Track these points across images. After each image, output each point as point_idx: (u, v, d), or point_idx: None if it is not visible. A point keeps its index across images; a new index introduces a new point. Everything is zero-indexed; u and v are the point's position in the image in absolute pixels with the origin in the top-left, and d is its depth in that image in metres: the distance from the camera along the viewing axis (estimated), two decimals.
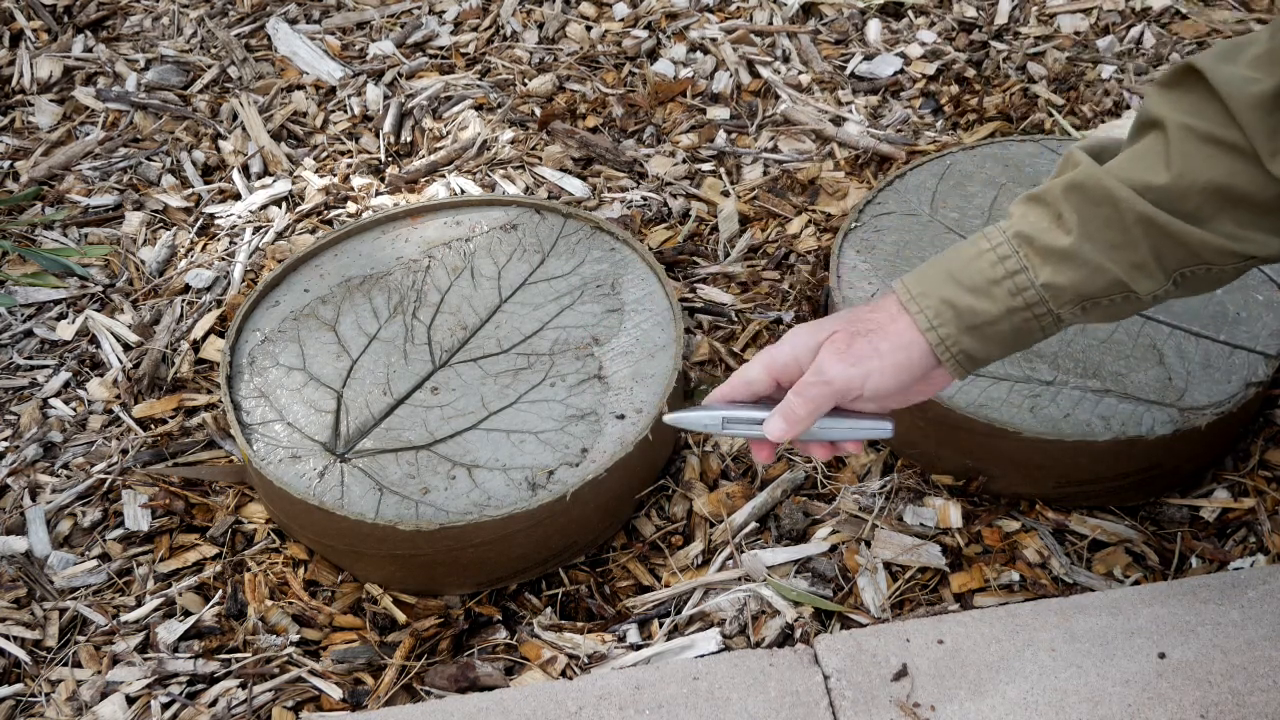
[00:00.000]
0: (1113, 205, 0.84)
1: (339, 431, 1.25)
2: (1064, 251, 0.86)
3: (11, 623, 1.22)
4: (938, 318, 0.88)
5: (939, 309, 0.88)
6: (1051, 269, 0.86)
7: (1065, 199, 0.86)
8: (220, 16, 1.98)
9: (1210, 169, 0.83)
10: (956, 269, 0.89)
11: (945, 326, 0.88)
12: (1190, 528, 1.26)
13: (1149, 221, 0.84)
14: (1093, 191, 0.85)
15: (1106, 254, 0.86)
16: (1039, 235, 0.86)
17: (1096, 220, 0.85)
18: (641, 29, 1.92)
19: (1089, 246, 0.85)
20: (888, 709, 1.05)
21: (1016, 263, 0.86)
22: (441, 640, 1.19)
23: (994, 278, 0.87)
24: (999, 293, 0.87)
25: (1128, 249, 0.85)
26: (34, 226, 1.64)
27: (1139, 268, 0.86)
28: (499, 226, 1.46)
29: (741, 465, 1.33)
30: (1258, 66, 0.81)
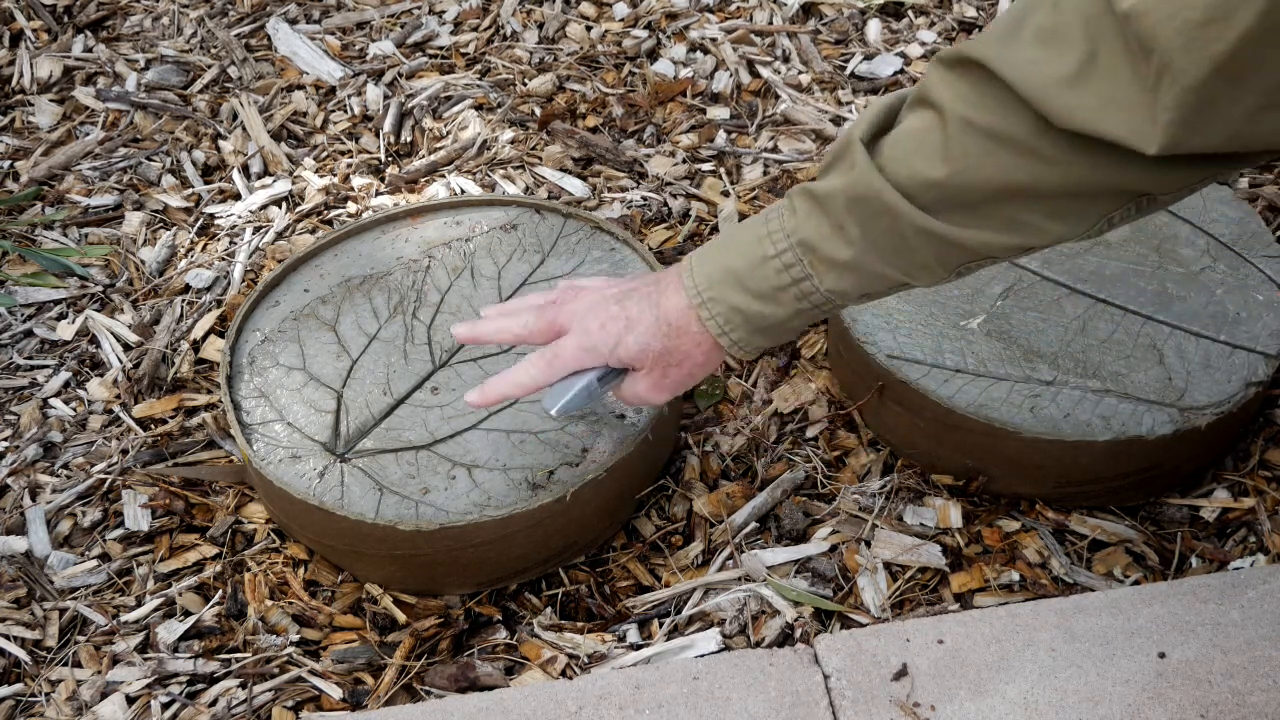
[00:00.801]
0: (892, 218, 0.85)
1: (339, 431, 1.25)
2: (846, 263, 0.89)
3: (11, 623, 1.22)
4: (728, 323, 0.95)
5: (729, 316, 0.94)
6: (835, 276, 0.90)
7: (847, 212, 0.87)
8: (220, 16, 1.98)
9: (989, 166, 0.82)
10: (743, 273, 0.92)
11: (736, 331, 0.95)
12: (1190, 528, 1.26)
13: (928, 233, 0.85)
14: (873, 204, 0.86)
15: (888, 262, 0.88)
16: (821, 244, 0.89)
17: (877, 231, 0.87)
18: (641, 29, 1.92)
19: (871, 257, 0.88)
20: (888, 709, 1.05)
21: (801, 271, 0.90)
22: (441, 640, 1.19)
23: (780, 285, 0.91)
24: (786, 298, 0.91)
25: (908, 255, 0.87)
26: (34, 226, 1.64)
27: (921, 268, 0.89)
28: (499, 226, 1.46)
29: (741, 465, 1.33)
30: (1044, 44, 0.77)
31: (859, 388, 1.33)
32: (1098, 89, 0.75)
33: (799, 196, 0.90)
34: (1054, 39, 0.76)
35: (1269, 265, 1.35)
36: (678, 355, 0.98)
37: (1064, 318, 1.31)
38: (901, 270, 0.89)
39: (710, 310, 0.94)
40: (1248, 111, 0.71)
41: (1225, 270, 1.35)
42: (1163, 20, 0.69)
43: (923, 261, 0.88)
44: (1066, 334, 1.29)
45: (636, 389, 1.05)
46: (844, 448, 1.35)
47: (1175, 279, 1.34)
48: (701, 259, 0.96)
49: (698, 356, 0.98)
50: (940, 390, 1.24)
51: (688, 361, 0.99)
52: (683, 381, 1.02)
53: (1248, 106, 0.71)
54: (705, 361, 0.99)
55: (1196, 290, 1.33)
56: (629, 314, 0.99)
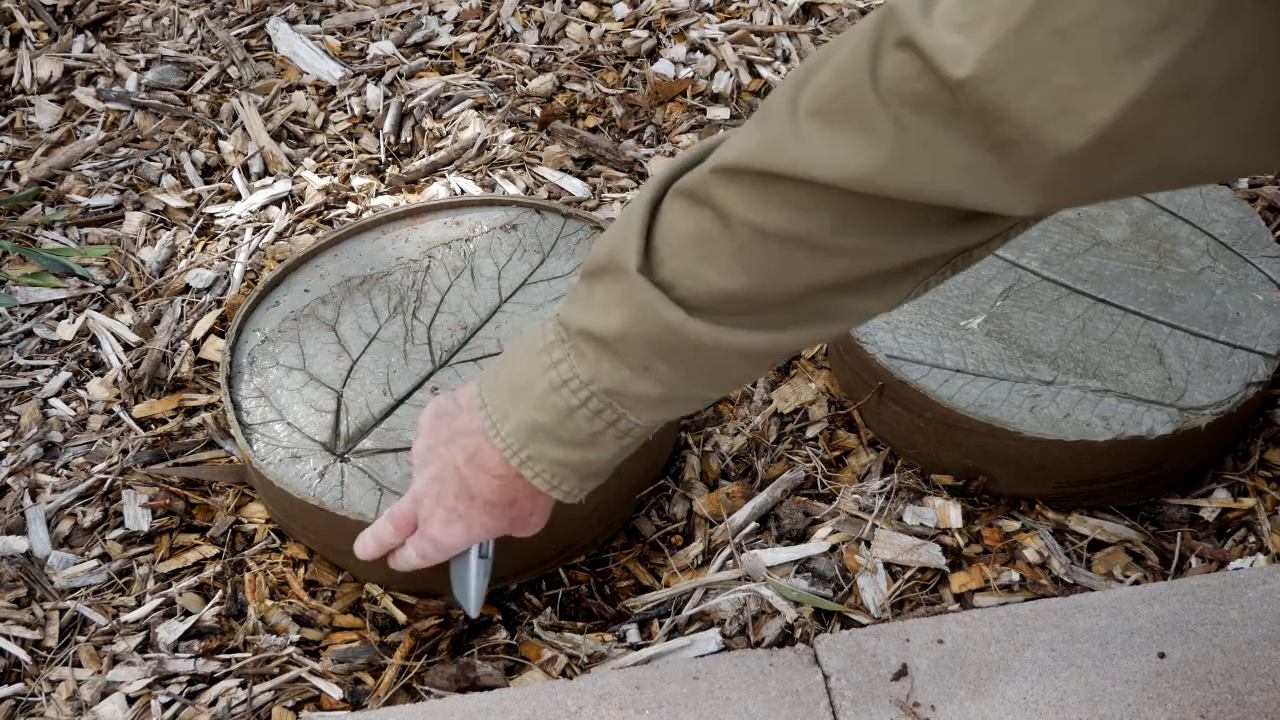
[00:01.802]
0: (699, 349, 0.79)
1: (339, 431, 1.25)
2: (660, 398, 0.83)
3: (11, 623, 1.22)
4: (555, 478, 0.89)
5: (555, 471, 0.89)
6: (650, 411, 0.85)
7: (650, 353, 0.81)
8: (220, 16, 1.98)
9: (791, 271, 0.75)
10: (551, 428, 0.87)
11: (567, 482, 0.90)
12: (1190, 528, 1.26)
13: (741, 353, 0.80)
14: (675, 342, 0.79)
15: (703, 385, 0.84)
16: (628, 388, 0.83)
17: (686, 364, 0.81)
18: (641, 29, 1.92)
19: (683, 388, 0.83)
20: (888, 709, 1.05)
21: (613, 414, 0.85)
22: (441, 640, 1.19)
23: (596, 430, 0.86)
24: (606, 440, 0.87)
25: (723, 375, 0.83)
26: (34, 226, 1.64)
27: (736, 382, 0.86)
28: (499, 226, 1.46)
29: (741, 465, 1.33)
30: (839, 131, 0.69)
31: (859, 388, 1.33)
32: (929, 166, 0.66)
33: (582, 340, 0.83)
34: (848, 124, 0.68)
35: (1269, 265, 1.35)
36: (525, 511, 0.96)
37: (1064, 318, 1.31)
38: (716, 388, 0.85)
39: (534, 469, 0.89)
40: (1133, 175, 0.64)
41: (1225, 270, 1.35)
42: (1019, 87, 0.60)
43: (738, 376, 0.84)
44: (1066, 334, 1.29)
45: (524, 534, 1.01)
46: (844, 448, 1.35)
47: (1175, 279, 1.34)
48: (499, 410, 0.89)
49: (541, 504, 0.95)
50: (940, 390, 1.24)
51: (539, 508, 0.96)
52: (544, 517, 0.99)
53: (1134, 170, 0.63)
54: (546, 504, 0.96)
55: (1196, 290, 1.33)
56: (458, 511, 0.96)
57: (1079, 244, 1.38)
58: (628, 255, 0.79)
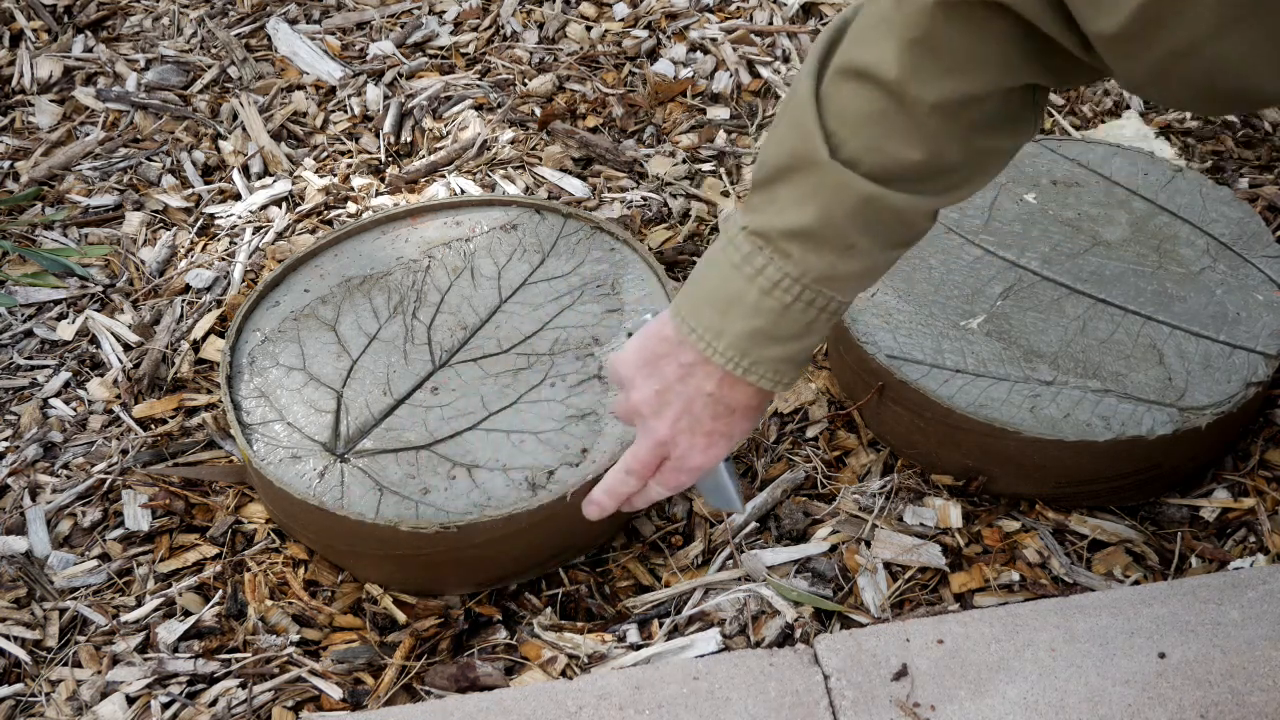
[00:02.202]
0: (897, 215, 0.85)
1: (339, 431, 1.25)
2: (865, 270, 0.89)
3: (11, 623, 1.22)
4: (778, 374, 0.93)
5: (779, 368, 0.93)
6: (855, 286, 0.90)
7: (849, 230, 0.86)
8: (220, 16, 1.98)
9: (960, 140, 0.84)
10: (770, 330, 0.91)
11: (788, 375, 0.94)
12: (1190, 528, 1.26)
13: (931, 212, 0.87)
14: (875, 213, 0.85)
15: (895, 246, 0.90)
16: (837, 270, 0.88)
17: (884, 233, 0.87)
18: (641, 29, 1.92)
19: (881, 254, 0.89)
20: (888, 709, 1.05)
21: (824, 299, 0.89)
22: (441, 640, 1.19)
23: (811, 319, 0.91)
24: (819, 324, 0.91)
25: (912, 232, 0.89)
26: (34, 226, 1.64)
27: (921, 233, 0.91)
28: (499, 226, 1.46)
29: (741, 465, 1.33)
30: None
31: (859, 388, 1.33)
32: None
33: (782, 240, 0.89)
34: None
35: (1269, 265, 1.35)
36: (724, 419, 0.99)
37: (1064, 318, 1.31)
38: (903, 244, 0.91)
39: (759, 372, 0.93)
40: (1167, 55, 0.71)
41: (1225, 270, 1.35)
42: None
43: (919, 230, 0.90)
44: (1066, 334, 1.29)
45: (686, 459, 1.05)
46: (844, 448, 1.35)
47: (1175, 279, 1.34)
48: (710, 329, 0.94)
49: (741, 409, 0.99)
50: (940, 390, 1.24)
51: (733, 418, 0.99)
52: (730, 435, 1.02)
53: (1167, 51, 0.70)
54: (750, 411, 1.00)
55: (1196, 290, 1.33)
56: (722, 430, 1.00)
57: (1079, 244, 1.38)
58: (814, 147, 0.84)
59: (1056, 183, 1.46)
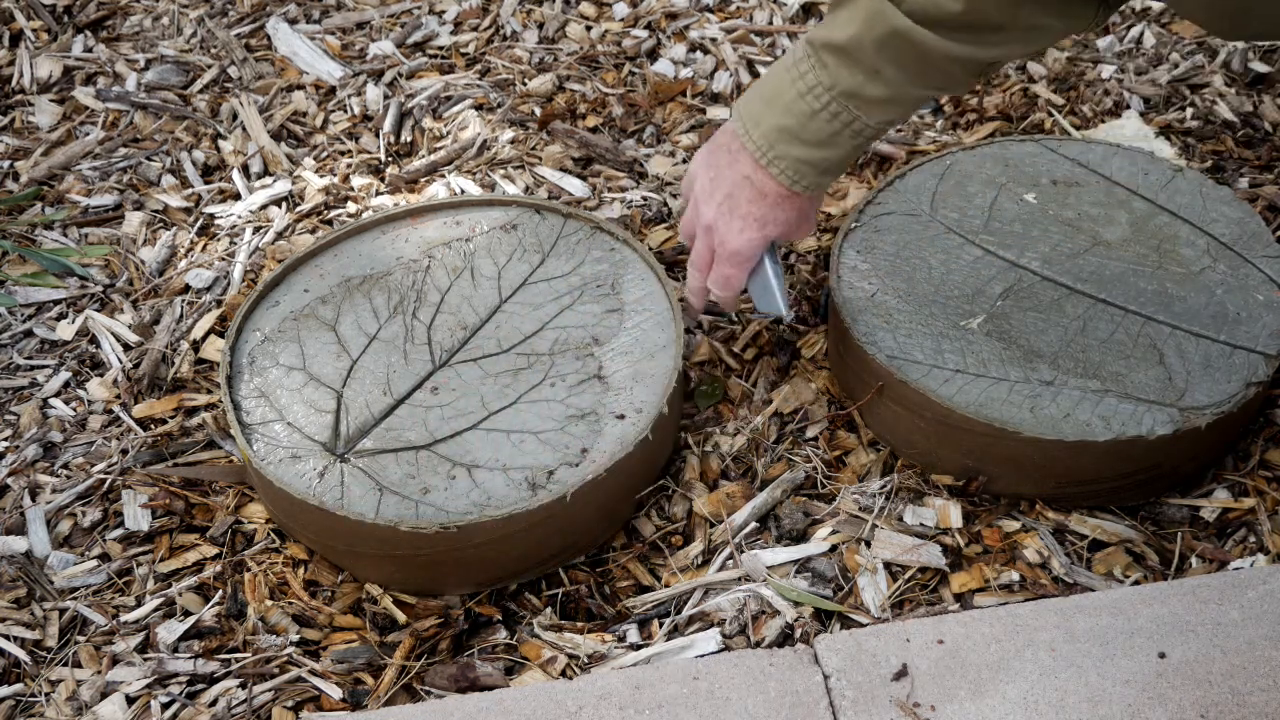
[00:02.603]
0: (922, 52, 0.95)
1: (339, 431, 1.25)
2: (890, 98, 1.00)
3: (11, 623, 1.22)
4: (798, 174, 1.06)
5: (797, 168, 1.06)
6: (881, 111, 1.01)
7: (878, 55, 0.97)
8: (220, 16, 1.98)
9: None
10: (796, 130, 1.04)
11: (807, 177, 1.07)
12: (1190, 528, 1.26)
13: (958, 59, 0.96)
14: (902, 43, 0.95)
15: (923, 86, 1.00)
16: (862, 90, 1.00)
17: (910, 66, 0.97)
18: (641, 29, 1.92)
19: (907, 88, 1.00)
20: (888, 709, 1.05)
21: (849, 115, 1.01)
22: (441, 640, 1.19)
23: (835, 130, 1.03)
24: (843, 140, 1.03)
25: (940, 77, 0.99)
26: (34, 226, 1.64)
27: (952, 83, 1.01)
28: (499, 226, 1.46)
29: (741, 465, 1.33)
30: None
31: (859, 388, 1.33)
32: None
33: (824, 51, 1.00)
34: None
35: (1269, 265, 1.35)
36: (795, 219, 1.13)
37: (1064, 318, 1.31)
38: (934, 87, 1.01)
39: (779, 166, 1.05)
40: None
41: (1225, 270, 1.35)
42: None
43: (953, 78, 0.99)
44: (1066, 334, 1.29)
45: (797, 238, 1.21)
46: (844, 448, 1.35)
47: (1175, 279, 1.34)
48: (752, 118, 1.06)
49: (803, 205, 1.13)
50: (940, 390, 1.24)
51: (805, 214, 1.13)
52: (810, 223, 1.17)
53: None
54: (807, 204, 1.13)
55: (1196, 290, 1.33)
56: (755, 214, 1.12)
57: (1079, 244, 1.38)
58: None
59: (1056, 183, 1.46)
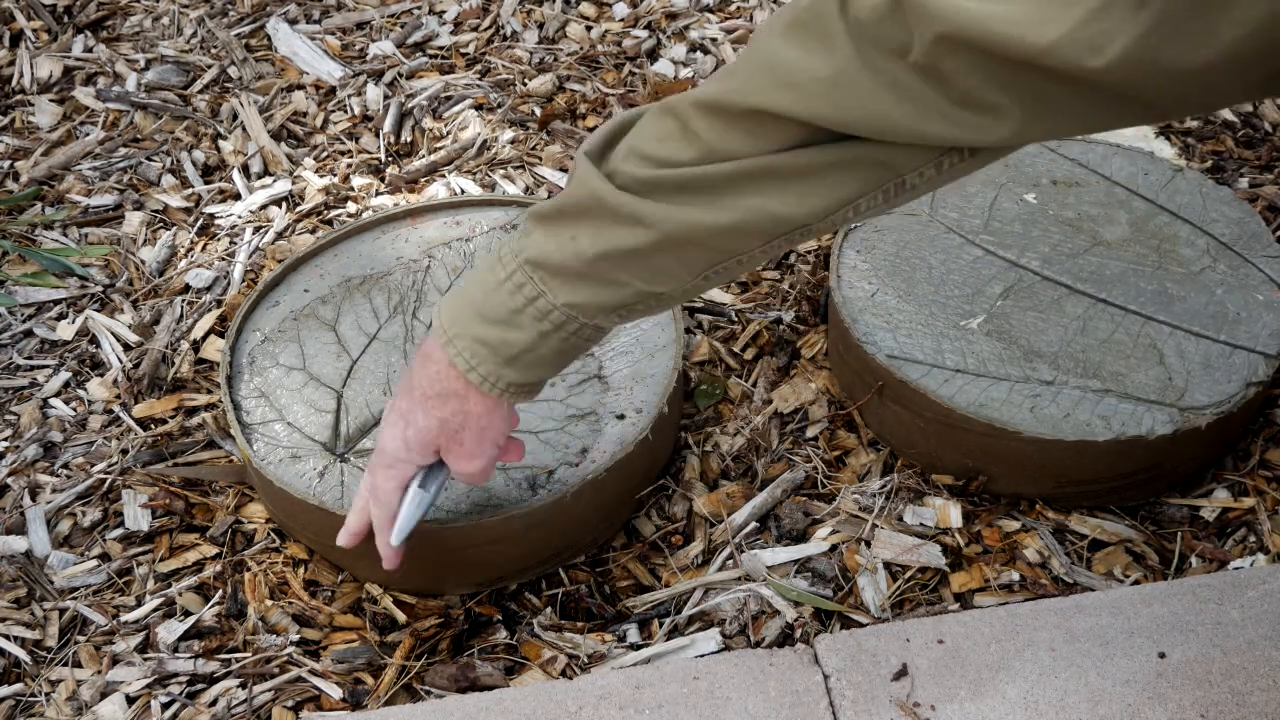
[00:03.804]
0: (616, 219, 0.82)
1: (339, 431, 1.25)
2: (579, 272, 0.84)
3: (11, 623, 1.22)
4: (474, 358, 0.90)
5: (474, 349, 0.90)
6: (568, 289, 0.85)
7: (574, 222, 0.84)
8: (220, 16, 1.98)
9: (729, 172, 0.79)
10: (479, 303, 0.89)
11: (484, 365, 0.90)
12: (1190, 528, 1.26)
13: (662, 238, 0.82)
14: (599, 207, 0.82)
15: (621, 267, 0.84)
16: (549, 258, 0.85)
17: (603, 239, 0.83)
18: (641, 29, 1.92)
19: (604, 264, 0.84)
20: (888, 709, 1.05)
21: (533, 289, 0.86)
22: (441, 640, 1.19)
23: (515, 307, 0.87)
24: (524, 320, 0.87)
25: (642, 261, 0.83)
26: (34, 226, 1.64)
27: (659, 273, 0.84)
28: (499, 226, 1.46)
29: (741, 465, 1.33)
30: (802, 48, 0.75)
31: (859, 388, 1.33)
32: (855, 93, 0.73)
33: (529, 219, 0.87)
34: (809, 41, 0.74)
35: (1269, 265, 1.35)
36: (455, 419, 0.95)
37: (1064, 318, 1.31)
38: (642, 278, 0.85)
39: (456, 347, 0.90)
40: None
41: (1225, 270, 1.35)
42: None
43: (661, 266, 0.84)
44: (1066, 334, 1.29)
45: (459, 469, 1.01)
46: (844, 448, 1.35)
47: (1175, 279, 1.34)
48: (450, 300, 0.92)
49: (471, 407, 0.94)
50: (940, 390, 1.24)
51: (469, 419, 0.95)
52: (479, 441, 0.97)
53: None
54: (482, 412, 0.95)
55: (1196, 290, 1.33)
56: (401, 409, 0.98)
57: (1079, 244, 1.38)
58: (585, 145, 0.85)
59: (1056, 182, 1.46)
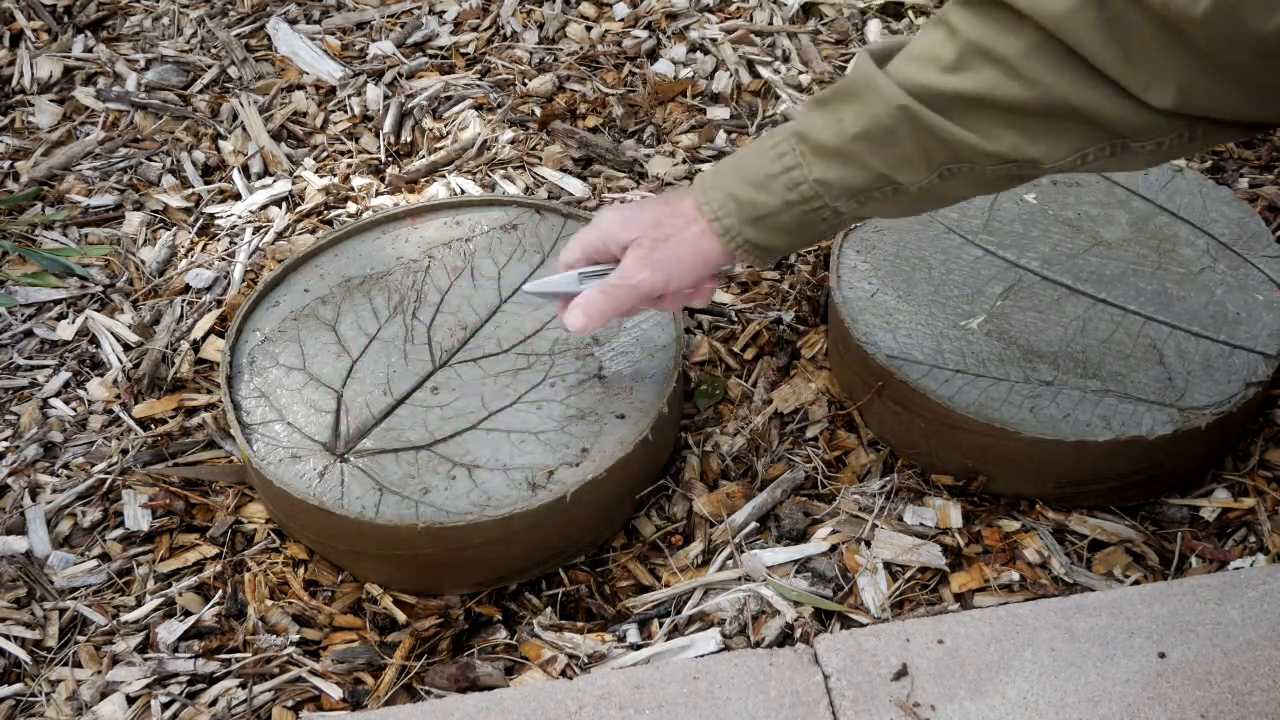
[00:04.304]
0: (881, 102, 0.89)
1: (339, 431, 1.25)
2: (834, 149, 0.92)
3: (11, 623, 1.22)
4: (722, 209, 0.97)
5: (723, 201, 0.97)
6: (822, 165, 0.93)
7: (841, 102, 0.91)
8: (220, 16, 1.98)
9: (977, 81, 0.86)
10: (743, 165, 0.97)
11: (729, 218, 0.97)
12: (1190, 528, 1.26)
13: (913, 119, 0.88)
14: (861, 91, 0.90)
15: (872, 150, 0.91)
16: (813, 133, 0.92)
17: (863, 118, 0.90)
18: (641, 29, 1.92)
19: (858, 144, 0.91)
20: (888, 709, 1.05)
21: (793, 159, 0.93)
22: (441, 640, 1.19)
23: (772, 172, 0.94)
24: (776, 186, 0.94)
25: (892, 145, 0.90)
26: (34, 226, 1.64)
27: (903, 162, 0.91)
28: (499, 226, 1.46)
29: (741, 465, 1.33)
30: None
31: (859, 388, 1.33)
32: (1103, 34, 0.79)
33: (807, 102, 0.95)
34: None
35: (1269, 265, 1.35)
36: (668, 226, 1.01)
37: (1064, 318, 1.31)
38: (886, 163, 0.91)
39: (708, 196, 0.98)
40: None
41: (1225, 270, 1.35)
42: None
43: (905, 153, 0.90)
44: (1066, 334, 1.29)
45: (629, 271, 1.05)
46: (844, 448, 1.35)
47: (1175, 279, 1.34)
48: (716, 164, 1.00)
49: (689, 232, 1.01)
50: (940, 390, 1.24)
51: (682, 236, 1.01)
52: (671, 259, 1.02)
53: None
54: (693, 242, 1.01)
55: (1196, 290, 1.33)
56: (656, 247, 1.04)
57: (1079, 244, 1.38)
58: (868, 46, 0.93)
59: (1056, 182, 1.46)
